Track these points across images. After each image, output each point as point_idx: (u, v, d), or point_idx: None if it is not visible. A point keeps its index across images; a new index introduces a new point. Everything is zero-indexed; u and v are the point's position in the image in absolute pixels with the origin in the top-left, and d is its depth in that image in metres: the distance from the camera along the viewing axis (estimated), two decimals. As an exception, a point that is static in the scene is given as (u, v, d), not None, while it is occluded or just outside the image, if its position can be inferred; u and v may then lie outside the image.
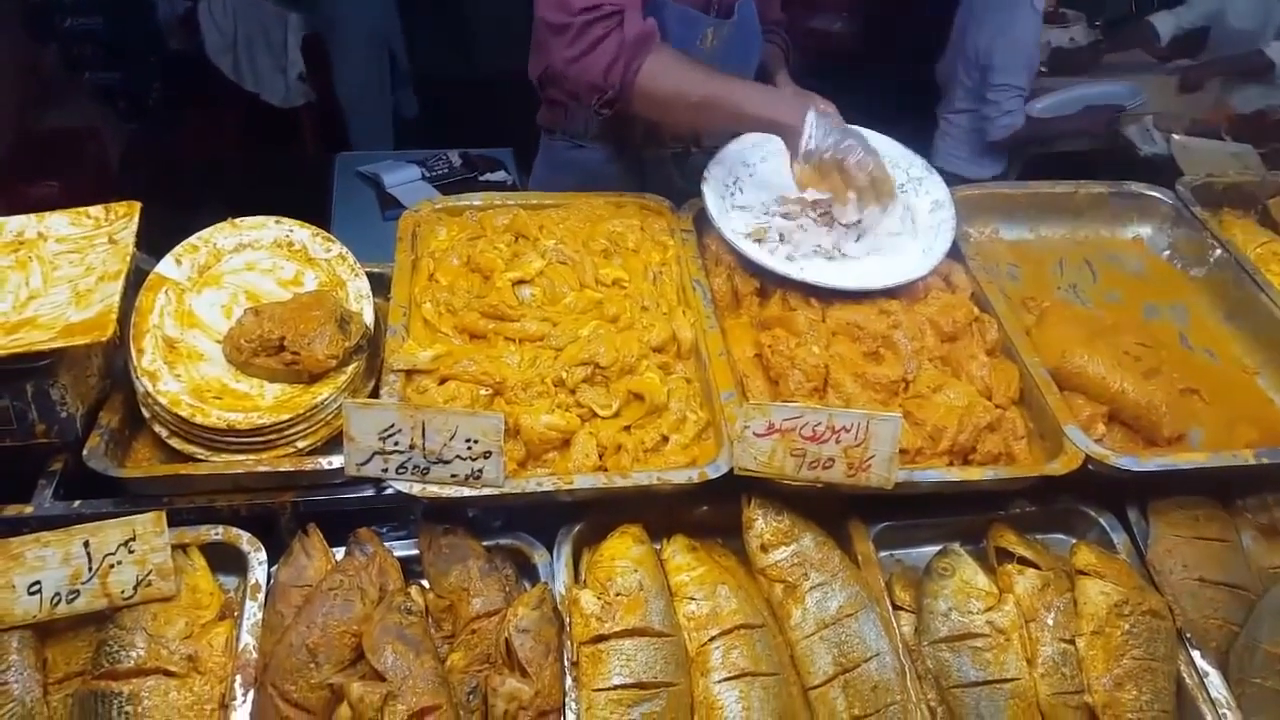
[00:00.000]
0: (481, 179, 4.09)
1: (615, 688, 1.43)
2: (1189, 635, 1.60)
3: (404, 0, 5.43)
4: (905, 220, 2.05)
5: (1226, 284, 2.10)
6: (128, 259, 1.71)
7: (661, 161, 2.44)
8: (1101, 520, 1.76)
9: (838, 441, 1.55)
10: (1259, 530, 1.74)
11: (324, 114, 5.26)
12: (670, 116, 2.04)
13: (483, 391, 1.70)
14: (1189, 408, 1.84)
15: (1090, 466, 1.66)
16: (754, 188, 2.13)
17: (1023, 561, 1.63)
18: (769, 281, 1.98)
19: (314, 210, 3.75)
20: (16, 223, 1.80)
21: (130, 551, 1.44)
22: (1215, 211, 2.27)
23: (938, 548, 1.68)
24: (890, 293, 1.92)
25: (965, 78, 3.92)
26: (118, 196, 1.85)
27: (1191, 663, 1.58)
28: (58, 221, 1.81)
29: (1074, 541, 1.72)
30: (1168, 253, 2.25)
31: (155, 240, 1.85)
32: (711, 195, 2.04)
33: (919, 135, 2.14)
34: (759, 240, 2.00)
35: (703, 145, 2.38)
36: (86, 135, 4.50)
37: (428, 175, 4.08)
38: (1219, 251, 2.13)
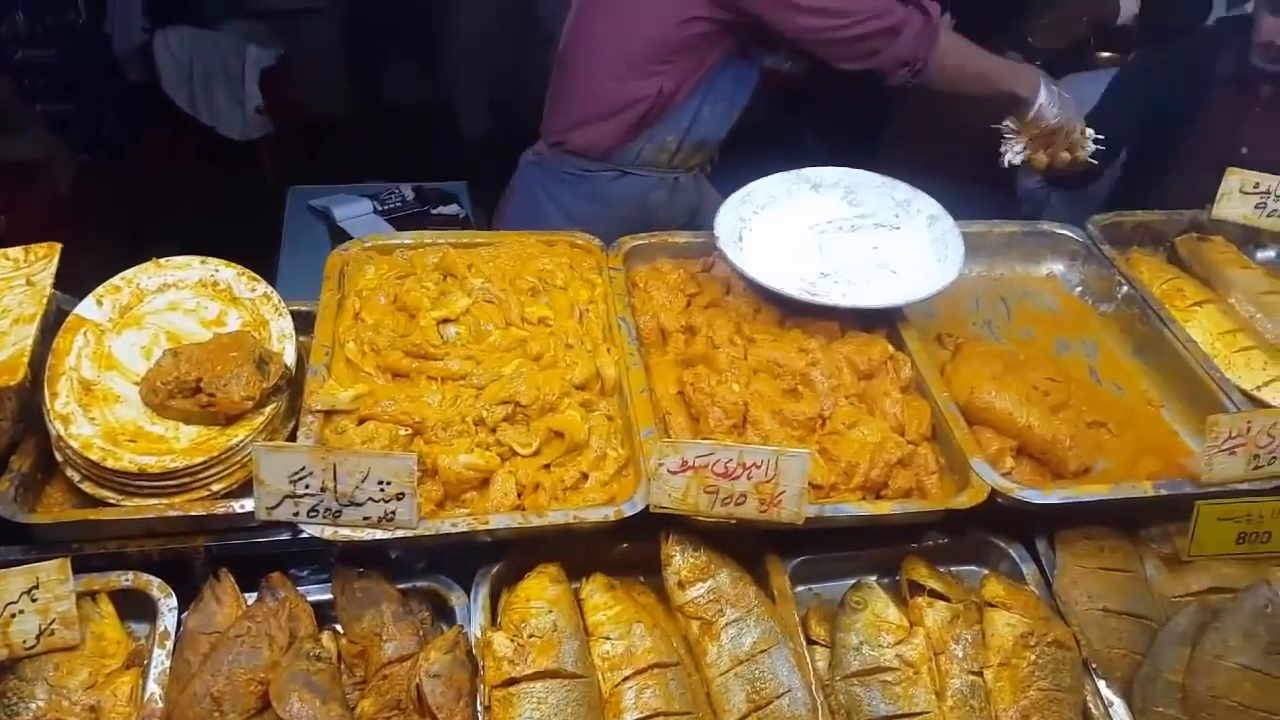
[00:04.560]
0: (434, 212, 4.08)
1: (525, 731, 1.43)
2: (1094, 665, 1.64)
3: (362, 32, 5.49)
4: (909, 242, 2.18)
5: (1134, 320, 2.16)
6: (44, 301, 1.72)
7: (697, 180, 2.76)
8: (1012, 552, 1.79)
9: (749, 478, 1.57)
10: (1161, 560, 1.78)
11: (279, 146, 5.27)
12: (952, 86, 2.36)
13: (402, 432, 1.71)
14: (1097, 441, 1.89)
15: (998, 499, 1.69)
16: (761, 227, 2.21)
17: (934, 594, 1.66)
18: (785, 308, 2.05)
19: (265, 244, 3.78)
20: (-66, 265, 1.80)
21: (33, 600, 1.42)
22: (1124, 250, 2.34)
23: (855, 581, 1.70)
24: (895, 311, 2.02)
25: None
26: (66, 230, 1.85)
27: (1097, 692, 1.61)
28: (-24, 264, 1.81)
29: (985, 573, 1.76)
30: (1079, 289, 2.32)
31: (107, 274, 1.85)
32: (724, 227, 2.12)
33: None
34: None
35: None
36: (37, 167, 4.47)
37: (379, 209, 4.07)
38: (1126, 288, 2.20)
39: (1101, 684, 1.62)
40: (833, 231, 2.20)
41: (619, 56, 2.42)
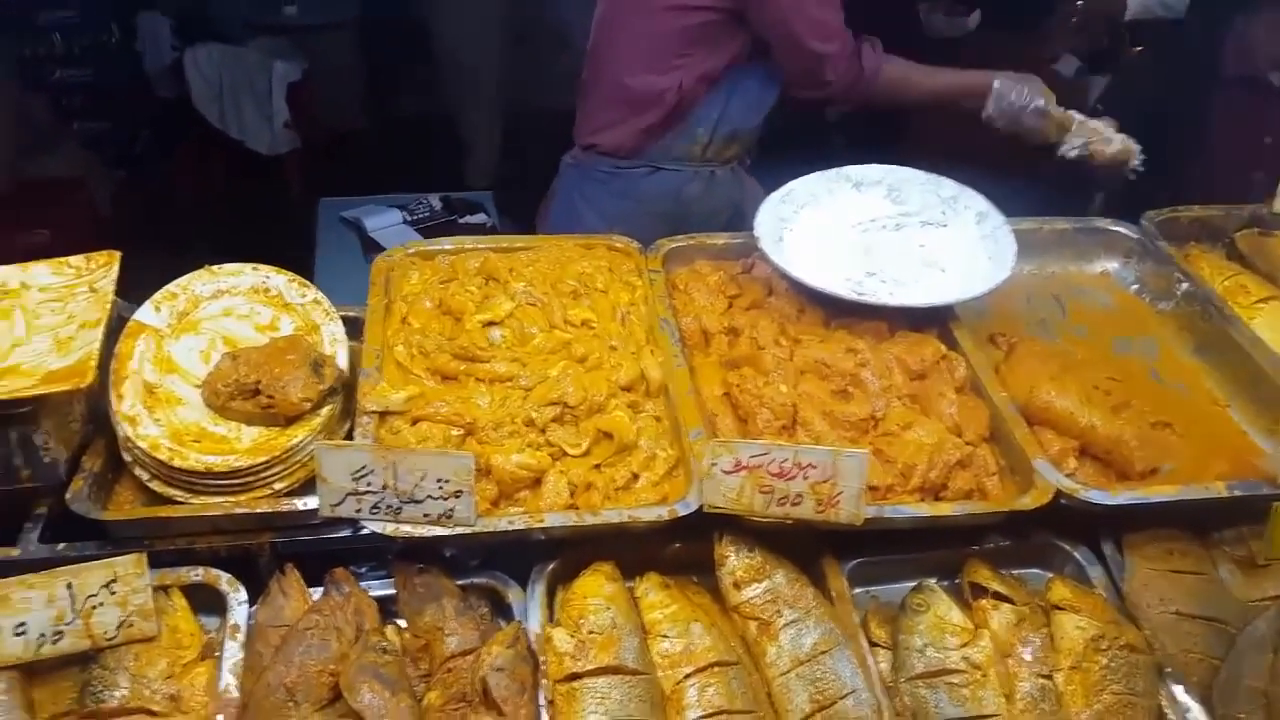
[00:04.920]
0: (461, 221, 4.13)
1: (590, 727, 1.42)
2: (1169, 670, 1.59)
3: (384, 45, 5.54)
4: (957, 239, 2.16)
5: (1195, 317, 2.12)
6: (107, 307, 1.74)
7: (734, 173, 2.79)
8: (1077, 554, 1.76)
9: (805, 478, 1.55)
10: (1236, 563, 1.73)
11: (309, 159, 5.33)
12: (898, 103, 2.63)
13: (454, 432, 1.72)
14: (1162, 441, 1.84)
15: (1062, 501, 1.66)
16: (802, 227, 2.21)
17: (997, 596, 1.63)
18: (830, 309, 2.03)
19: (298, 254, 3.81)
20: (0, 273, 1.83)
21: (112, 593, 1.46)
22: (1182, 245, 2.30)
23: (913, 583, 1.67)
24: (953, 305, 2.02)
25: None
26: (105, 243, 1.88)
27: (1173, 698, 1.57)
28: (40, 271, 1.84)
29: (1050, 576, 1.73)
30: (1135, 287, 2.27)
31: (144, 286, 1.88)
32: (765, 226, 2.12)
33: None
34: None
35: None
36: (75, 184, 4.55)
37: (409, 219, 4.12)
38: (1186, 285, 2.15)
39: (1178, 689, 1.57)
40: (877, 230, 2.19)
41: (637, 53, 2.47)
